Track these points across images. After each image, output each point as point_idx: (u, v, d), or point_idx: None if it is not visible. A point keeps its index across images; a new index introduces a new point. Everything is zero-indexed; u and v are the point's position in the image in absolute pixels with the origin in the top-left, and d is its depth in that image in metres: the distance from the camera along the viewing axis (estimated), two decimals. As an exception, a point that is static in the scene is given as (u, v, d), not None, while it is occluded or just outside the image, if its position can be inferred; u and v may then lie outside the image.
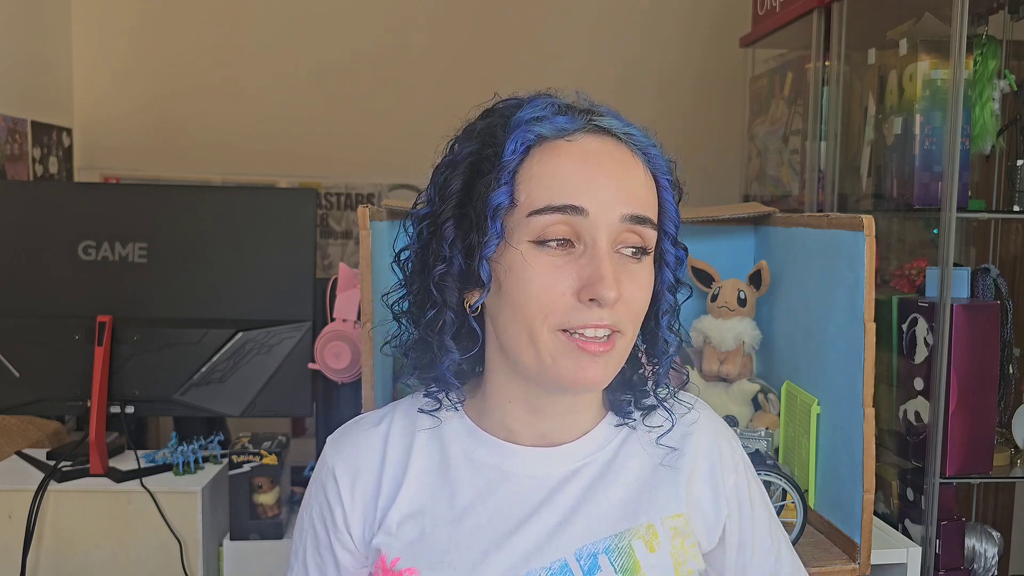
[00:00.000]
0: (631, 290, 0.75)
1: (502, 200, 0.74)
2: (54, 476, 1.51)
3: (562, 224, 0.73)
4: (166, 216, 1.59)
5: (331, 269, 3.05)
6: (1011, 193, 1.70)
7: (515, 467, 0.81)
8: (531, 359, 0.75)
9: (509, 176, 0.74)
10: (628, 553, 0.79)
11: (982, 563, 1.68)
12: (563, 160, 0.74)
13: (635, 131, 0.78)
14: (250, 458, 1.51)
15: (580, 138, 0.75)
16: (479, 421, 0.84)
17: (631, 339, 0.77)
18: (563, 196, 0.73)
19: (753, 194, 2.60)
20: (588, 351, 0.73)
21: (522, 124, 0.75)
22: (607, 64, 3.11)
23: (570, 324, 0.73)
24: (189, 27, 3.07)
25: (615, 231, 0.74)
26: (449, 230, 0.77)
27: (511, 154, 0.74)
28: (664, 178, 0.79)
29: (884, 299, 1.66)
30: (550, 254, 0.73)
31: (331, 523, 0.83)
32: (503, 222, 0.74)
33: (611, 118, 0.77)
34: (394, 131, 3.02)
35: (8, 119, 2.60)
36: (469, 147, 0.77)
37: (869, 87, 1.91)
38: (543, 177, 0.74)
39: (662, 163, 0.79)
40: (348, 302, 1.45)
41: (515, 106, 0.78)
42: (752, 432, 1.31)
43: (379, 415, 0.87)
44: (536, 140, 0.75)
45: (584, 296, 0.72)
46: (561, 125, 0.75)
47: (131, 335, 1.54)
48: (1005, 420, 1.68)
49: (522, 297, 0.73)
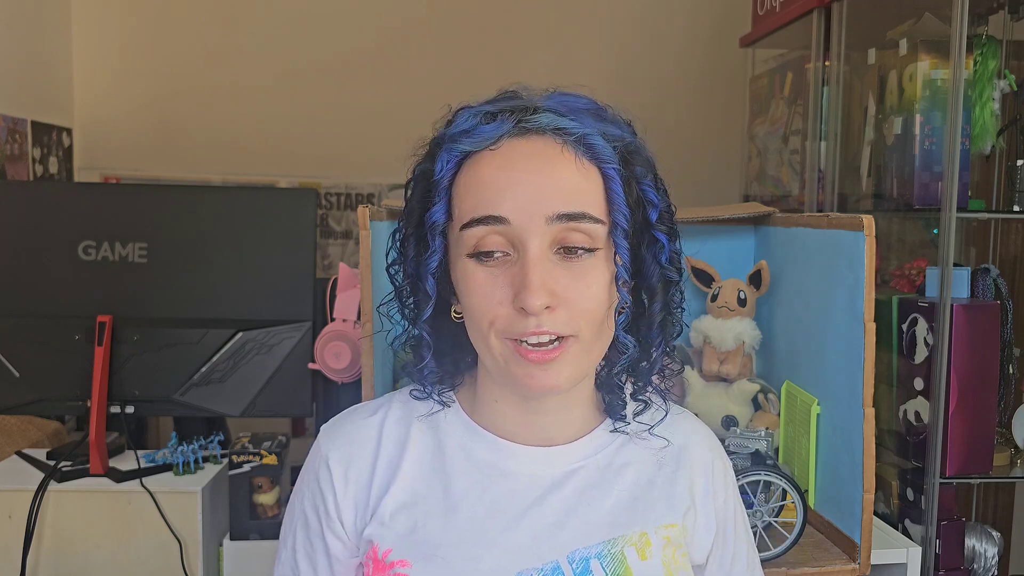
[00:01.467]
0: (575, 290, 0.73)
1: (437, 217, 0.76)
2: (54, 476, 1.51)
3: (492, 234, 0.73)
4: (166, 216, 1.58)
5: (331, 269, 3.05)
6: (1011, 193, 1.70)
7: (511, 465, 0.81)
8: (491, 364, 0.77)
9: (444, 192, 0.76)
10: (620, 560, 0.78)
11: (982, 563, 1.68)
12: (484, 170, 0.74)
13: (568, 123, 0.74)
14: (250, 458, 1.51)
15: (504, 143, 0.74)
16: (474, 415, 0.84)
17: (591, 341, 0.75)
18: (483, 207, 0.73)
19: (753, 194, 2.60)
20: (531, 360, 0.73)
21: (446, 140, 0.76)
22: (607, 64, 3.11)
23: (512, 334, 0.73)
24: (189, 27, 3.07)
25: (547, 233, 0.72)
26: (411, 248, 0.80)
27: (440, 172, 0.76)
28: (609, 167, 0.75)
29: (884, 299, 1.66)
30: (485, 266, 0.74)
31: (323, 511, 0.82)
32: (446, 237, 0.77)
33: (546, 113, 0.75)
34: (394, 131, 2.99)
35: (8, 119, 2.60)
36: (423, 165, 0.80)
37: (869, 87, 1.91)
38: (468, 190, 0.75)
39: (605, 151, 0.75)
40: (348, 302, 1.45)
41: (450, 122, 0.78)
42: (752, 432, 1.31)
43: (375, 405, 0.87)
44: (463, 155, 0.75)
45: (516, 305, 0.72)
46: (485, 134, 0.74)
47: (131, 335, 1.54)
48: (1005, 420, 1.68)
49: (469, 309, 0.76)
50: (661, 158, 0.82)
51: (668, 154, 0.80)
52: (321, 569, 0.84)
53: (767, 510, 1.21)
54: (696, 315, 1.48)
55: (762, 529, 1.21)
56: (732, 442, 1.27)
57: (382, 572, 0.78)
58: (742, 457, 1.25)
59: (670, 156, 0.80)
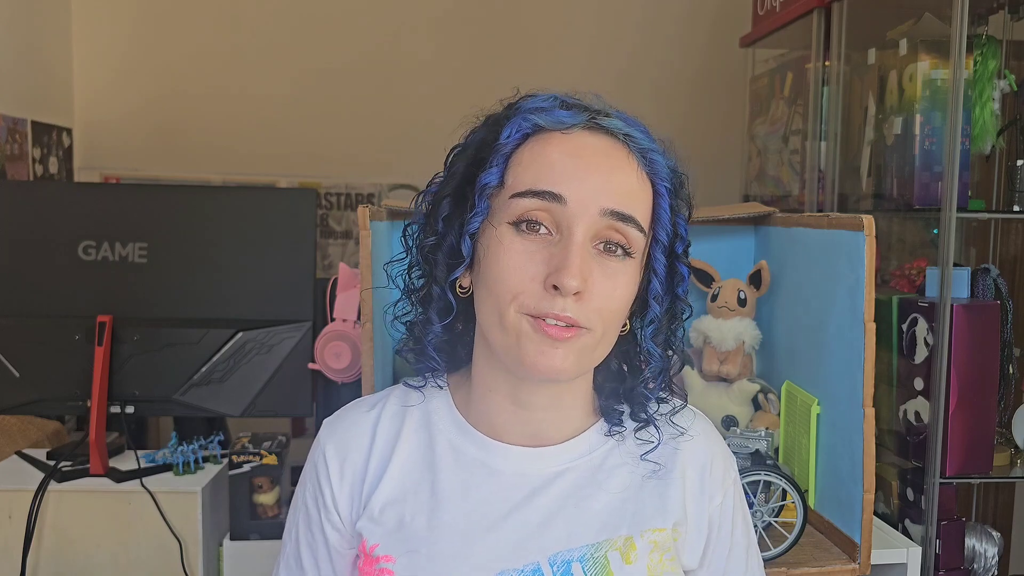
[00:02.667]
0: (603, 286, 0.75)
1: (491, 179, 0.77)
2: (54, 476, 1.51)
3: (541, 211, 0.75)
4: (166, 216, 1.59)
5: (331, 269, 3.05)
6: (1011, 193, 1.70)
7: (499, 464, 0.81)
8: (499, 339, 0.77)
9: (502, 159, 0.77)
10: (603, 564, 0.78)
11: (982, 563, 1.68)
12: (553, 149, 0.76)
13: (637, 134, 0.78)
14: (250, 458, 1.51)
15: (576, 133, 0.77)
16: (466, 414, 0.84)
17: (600, 338, 0.77)
18: (545, 182, 0.75)
19: (753, 194, 2.60)
20: (549, 335, 0.74)
21: (522, 112, 0.78)
22: (607, 64, 3.11)
23: (534, 310, 0.74)
24: (189, 27, 3.07)
25: (595, 225, 0.75)
26: (446, 206, 0.80)
27: (506, 138, 0.77)
28: (662, 185, 0.79)
29: (884, 299, 1.66)
30: (525, 238, 0.75)
31: (322, 503, 0.84)
32: (491, 203, 0.78)
33: (617, 119, 0.78)
34: (394, 131, 3.02)
35: (8, 119, 2.60)
36: (478, 134, 0.81)
37: (869, 87, 1.91)
38: (531, 163, 0.76)
39: (663, 170, 0.79)
40: (348, 302, 1.45)
41: (526, 98, 0.81)
42: (752, 432, 1.31)
43: (374, 399, 0.88)
44: (534, 129, 0.77)
45: (548, 283, 0.73)
46: (560, 118, 0.77)
47: (131, 335, 1.54)
48: (1005, 420, 1.68)
49: (494, 277, 0.76)
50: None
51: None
52: (323, 560, 0.86)
53: (767, 510, 1.21)
54: (696, 315, 1.48)
55: (762, 529, 1.21)
56: (732, 442, 1.27)
57: (370, 566, 0.80)
58: (742, 457, 1.25)
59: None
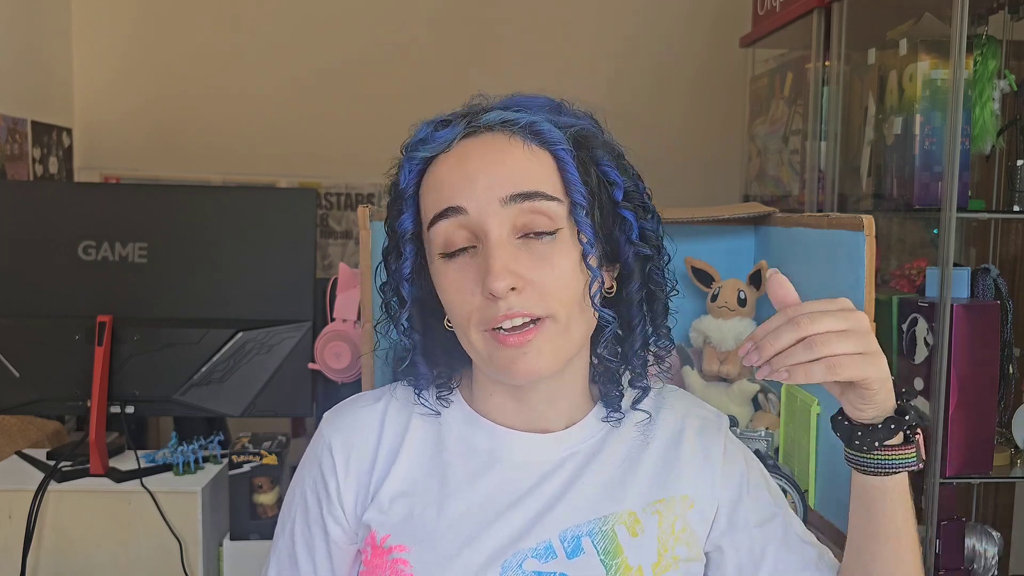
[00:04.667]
0: (541, 271, 0.75)
1: (405, 225, 0.81)
2: (54, 476, 1.51)
3: (457, 228, 0.76)
4: (166, 216, 1.58)
5: (331, 269, 3.05)
6: (1011, 193, 1.70)
7: (507, 452, 0.83)
8: (477, 358, 0.80)
9: (410, 202, 0.81)
10: (611, 537, 0.80)
11: (982, 563, 1.68)
12: (441, 171, 0.78)
13: (515, 115, 0.78)
14: (250, 458, 1.51)
15: (456, 145, 0.78)
16: (474, 405, 0.86)
17: (567, 321, 0.77)
18: (444, 201, 0.77)
19: (753, 194, 2.60)
20: (511, 344, 0.75)
21: (407, 152, 0.81)
22: (607, 64, 3.11)
23: (488, 323, 0.75)
24: (189, 27, 3.07)
25: (505, 218, 0.75)
26: (392, 261, 0.84)
27: (404, 183, 0.81)
28: (559, 149, 0.77)
29: (884, 299, 1.66)
30: (455, 262, 0.77)
31: (324, 496, 0.84)
32: (421, 245, 0.81)
33: (495, 111, 0.79)
34: (394, 131, 2.98)
35: (8, 119, 2.60)
36: (392, 181, 0.84)
37: (869, 87, 1.91)
38: (428, 191, 0.79)
39: (554, 134, 0.77)
40: (348, 302, 1.45)
41: (410, 136, 0.83)
42: (752, 432, 1.31)
43: (378, 393, 0.89)
44: (423, 163, 0.80)
45: (484, 292, 0.75)
46: (438, 139, 0.79)
47: (131, 335, 1.54)
48: (1005, 420, 1.68)
49: (449, 308, 0.79)
50: (661, 158, 0.83)
51: (668, 154, 0.81)
52: (319, 557, 0.85)
53: (767, 510, 1.21)
54: (696, 315, 1.48)
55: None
56: (732, 442, 1.27)
57: (380, 557, 0.80)
58: (742, 457, 1.24)
59: (670, 156, 0.82)
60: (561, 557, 0.79)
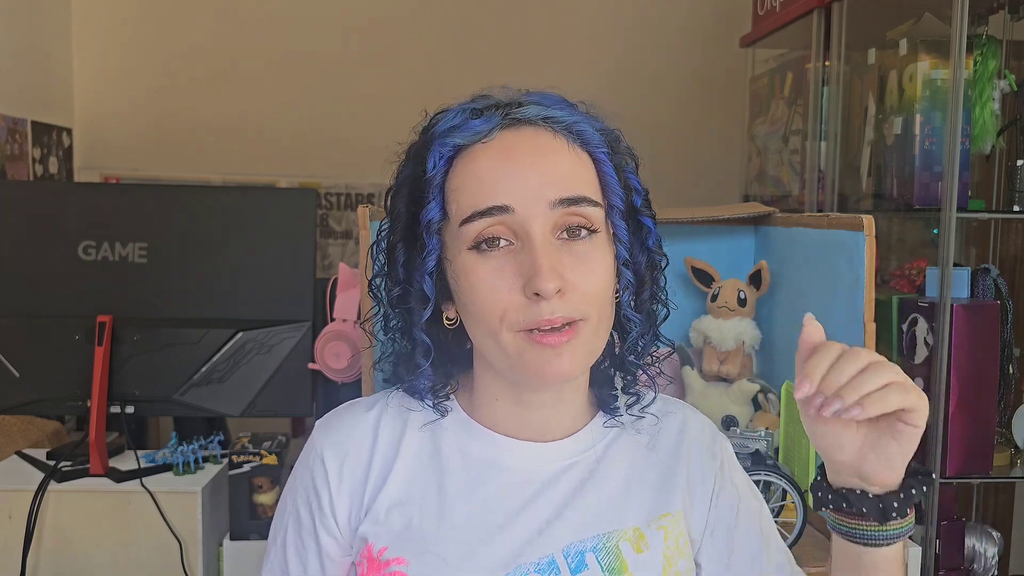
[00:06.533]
0: (580, 273, 0.74)
1: (433, 215, 0.76)
2: (54, 476, 1.51)
3: (496, 224, 0.73)
4: (166, 216, 1.58)
5: (331, 269, 3.05)
6: (1011, 193, 1.70)
7: (506, 461, 0.81)
8: (500, 360, 0.76)
9: (437, 191, 0.76)
10: (615, 553, 0.79)
11: (982, 563, 1.68)
12: (481, 163, 0.74)
13: (557, 112, 0.76)
14: (250, 458, 1.51)
15: (497, 136, 0.75)
16: (472, 414, 0.84)
17: (598, 323, 0.76)
18: (487, 199, 0.73)
19: (753, 194, 2.60)
20: (549, 345, 0.73)
21: (437, 138, 0.76)
22: (606, 64, 3.11)
23: (526, 324, 0.73)
24: (189, 27, 3.07)
25: (550, 219, 0.73)
26: (400, 251, 0.80)
27: (433, 169, 0.76)
28: (599, 152, 0.77)
29: (884, 299, 1.66)
30: (490, 257, 0.74)
31: (317, 508, 0.81)
32: (442, 236, 0.77)
33: (532, 106, 0.76)
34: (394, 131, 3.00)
35: (8, 119, 2.60)
36: (407, 170, 0.80)
37: (869, 87, 1.91)
38: (466, 184, 0.75)
39: (594, 137, 0.77)
40: (348, 302, 1.45)
41: (436, 121, 0.79)
42: (752, 432, 1.31)
43: (372, 400, 0.86)
44: (454, 150, 0.76)
45: (528, 291, 0.72)
46: (476, 128, 0.75)
47: (131, 335, 1.54)
48: (1005, 420, 1.68)
49: (475, 304, 0.75)
50: (661, 158, 0.83)
51: (668, 154, 0.81)
52: (312, 569, 0.82)
53: (767, 510, 1.21)
54: (696, 315, 1.48)
55: (762, 529, 1.21)
56: (732, 442, 1.27)
57: (378, 571, 0.77)
58: (742, 457, 1.24)
59: (670, 156, 0.81)
60: (565, 573, 0.77)
